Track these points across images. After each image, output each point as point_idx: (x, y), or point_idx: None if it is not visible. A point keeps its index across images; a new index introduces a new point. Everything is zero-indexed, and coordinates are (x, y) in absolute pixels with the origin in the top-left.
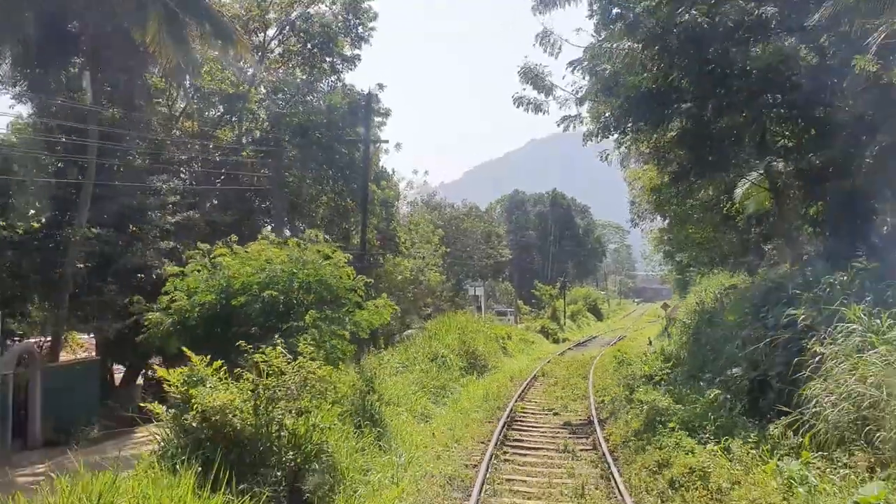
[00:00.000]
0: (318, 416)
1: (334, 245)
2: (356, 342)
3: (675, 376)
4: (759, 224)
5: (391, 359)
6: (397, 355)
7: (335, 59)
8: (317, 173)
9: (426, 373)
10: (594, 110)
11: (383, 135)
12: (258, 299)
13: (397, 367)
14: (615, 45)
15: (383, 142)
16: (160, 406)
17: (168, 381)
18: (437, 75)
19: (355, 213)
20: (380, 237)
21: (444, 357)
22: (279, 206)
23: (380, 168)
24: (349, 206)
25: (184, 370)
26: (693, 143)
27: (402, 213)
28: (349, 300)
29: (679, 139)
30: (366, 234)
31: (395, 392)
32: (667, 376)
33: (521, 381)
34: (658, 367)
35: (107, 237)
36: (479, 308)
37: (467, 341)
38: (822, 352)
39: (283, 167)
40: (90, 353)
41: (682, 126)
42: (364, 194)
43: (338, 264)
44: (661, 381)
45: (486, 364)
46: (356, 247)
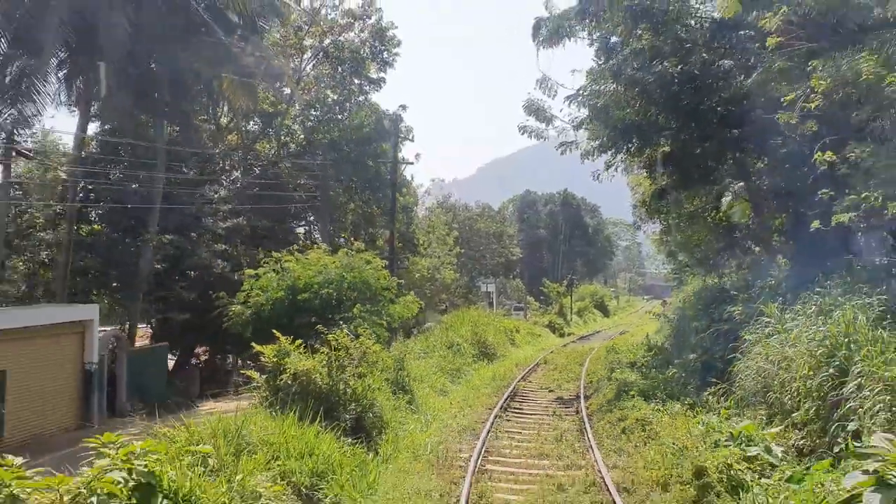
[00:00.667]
0: (371, 380)
1: (372, 253)
2: (388, 331)
3: (652, 362)
4: (739, 231)
5: (414, 346)
6: (419, 343)
7: (363, 81)
8: (346, 184)
9: (444, 358)
10: (591, 132)
11: (405, 147)
12: (318, 296)
13: (419, 353)
14: (602, 87)
15: (409, 163)
16: (256, 372)
17: (264, 354)
18: (442, 79)
19: (380, 219)
20: (400, 239)
21: (458, 345)
22: (324, 218)
23: (401, 178)
24: (374, 212)
25: (274, 346)
26: (677, 163)
27: (420, 216)
28: (384, 296)
29: (664, 159)
30: (394, 243)
31: (419, 372)
32: (647, 362)
33: (525, 367)
34: (641, 355)
35: (178, 242)
36: (491, 304)
37: (479, 333)
38: (748, 339)
39: (321, 181)
40: (144, 342)
41: (665, 149)
42: (393, 210)
43: (376, 268)
44: (641, 366)
45: (496, 352)
46: (380, 248)
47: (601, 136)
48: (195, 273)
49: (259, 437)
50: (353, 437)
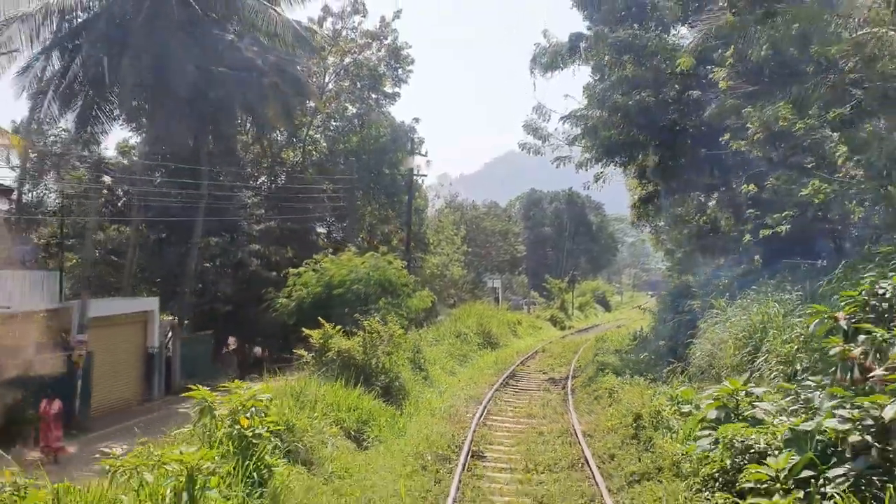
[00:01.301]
0: (396, 358)
1: (393, 255)
2: (407, 321)
3: (633, 349)
4: (714, 234)
5: (427, 334)
6: (431, 332)
7: (379, 96)
8: (364, 189)
9: (452, 345)
10: (584, 147)
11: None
12: (350, 290)
13: (432, 341)
14: (590, 112)
15: (423, 175)
16: (305, 351)
17: (312, 337)
18: (448, 76)
19: (395, 220)
20: (413, 239)
21: (465, 335)
22: (351, 225)
23: (414, 184)
24: (390, 215)
25: (319, 331)
26: (659, 174)
27: (430, 217)
28: (404, 291)
29: (648, 171)
30: (410, 245)
31: (432, 356)
32: (629, 349)
33: (525, 354)
34: (626, 343)
35: (222, 244)
36: (497, 299)
37: (484, 324)
38: (701, 327)
39: (342, 186)
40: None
41: (647, 163)
42: (409, 217)
43: (397, 268)
44: (623, 352)
45: (499, 342)
46: (394, 247)
47: (592, 151)
48: (231, 270)
49: (315, 397)
50: (383, 400)
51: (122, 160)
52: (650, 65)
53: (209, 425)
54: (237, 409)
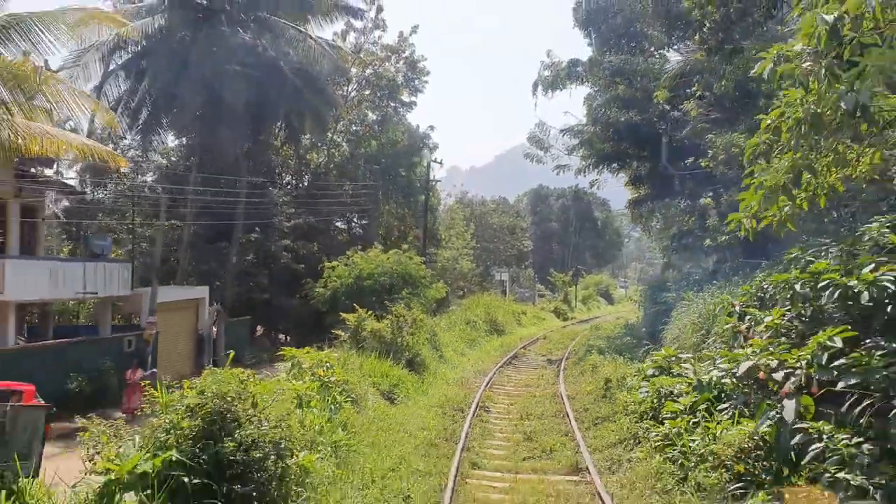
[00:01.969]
0: (418, 338)
1: (412, 251)
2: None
3: (620, 334)
4: (692, 236)
5: (440, 322)
6: (444, 320)
7: (397, 104)
8: (383, 190)
9: (463, 331)
10: (581, 157)
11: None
12: (377, 282)
13: (444, 327)
14: (586, 128)
15: (437, 180)
16: (341, 331)
17: (348, 320)
18: (454, 87)
19: (410, 219)
20: (427, 235)
21: (474, 323)
22: (371, 222)
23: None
24: (406, 213)
25: (354, 315)
26: (647, 181)
27: (442, 213)
28: (422, 283)
29: (637, 178)
30: (426, 243)
31: (445, 340)
32: (617, 335)
33: (528, 340)
34: (618, 330)
35: (260, 240)
36: (504, 291)
37: (491, 314)
38: (673, 315)
39: (364, 186)
40: None
41: (635, 172)
42: (425, 218)
43: (416, 263)
44: (611, 337)
45: (504, 330)
46: (410, 242)
47: (588, 160)
48: (265, 263)
49: (355, 365)
50: (408, 370)
51: (163, 161)
52: (639, 86)
53: (297, 374)
54: (315, 364)
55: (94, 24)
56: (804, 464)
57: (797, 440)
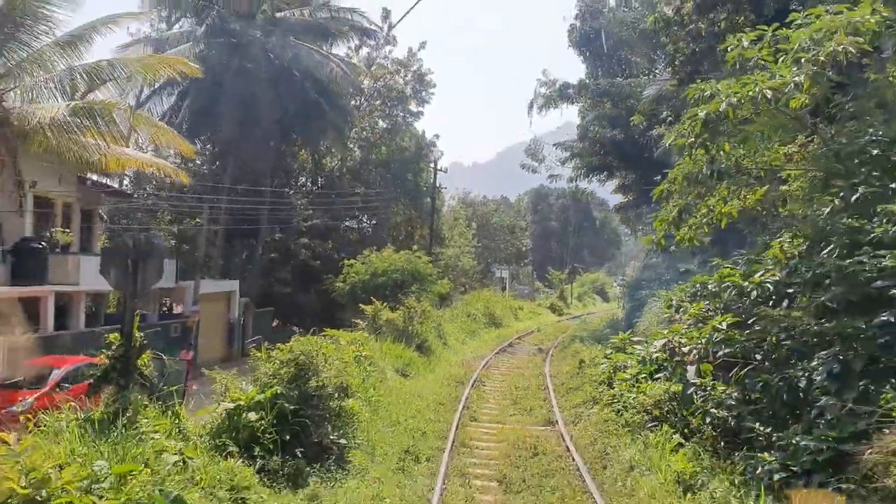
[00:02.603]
0: (426, 326)
1: (421, 250)
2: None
3: (603, 327)
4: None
5: (444, 314)
6: (447, 313)
7: (406, 114)
8: (393, 193)
9: (464, 323)
10: (573, 167)
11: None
12: (390, 278)
13: (447, 320)
14: (575, 144)
15: (443, 188)
16: (360, 320)
17: (366, 310)
18: (457, 87)
19: (417, 219)
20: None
21: (474, 316)
22: (380, 223)
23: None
24: (413, 215)
25: (372, 306)
26: (632, 189)
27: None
28: (429, 280)
29: (624, 187)
30: (432, 242)
31: (448, 330)
32: (601, 327)
33: (522, 332)
34: (602, 324)
35: (283, 239)
36: (504, 288)
37: (490, 308)
38: (645, 310)
39: (374, 191)
40: None
41: (622, 181)
42: (431, 221)
43: (424, 262)
44: (597, 329)
45: (502, 323)
46: (417, 241)
47: (578, 170)
48: (286, 260)
49: (374, 348)
50: (418, 353)
51: (203, 170)
52: (623, 106)
53: (337, 349)
54: (350, 341)
55: (167, 70)
56: (695, 406)
57: (691, 391)
